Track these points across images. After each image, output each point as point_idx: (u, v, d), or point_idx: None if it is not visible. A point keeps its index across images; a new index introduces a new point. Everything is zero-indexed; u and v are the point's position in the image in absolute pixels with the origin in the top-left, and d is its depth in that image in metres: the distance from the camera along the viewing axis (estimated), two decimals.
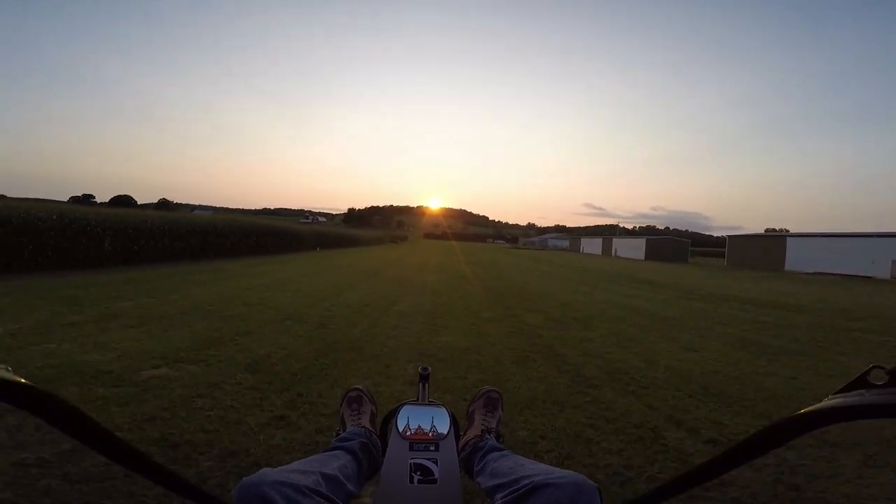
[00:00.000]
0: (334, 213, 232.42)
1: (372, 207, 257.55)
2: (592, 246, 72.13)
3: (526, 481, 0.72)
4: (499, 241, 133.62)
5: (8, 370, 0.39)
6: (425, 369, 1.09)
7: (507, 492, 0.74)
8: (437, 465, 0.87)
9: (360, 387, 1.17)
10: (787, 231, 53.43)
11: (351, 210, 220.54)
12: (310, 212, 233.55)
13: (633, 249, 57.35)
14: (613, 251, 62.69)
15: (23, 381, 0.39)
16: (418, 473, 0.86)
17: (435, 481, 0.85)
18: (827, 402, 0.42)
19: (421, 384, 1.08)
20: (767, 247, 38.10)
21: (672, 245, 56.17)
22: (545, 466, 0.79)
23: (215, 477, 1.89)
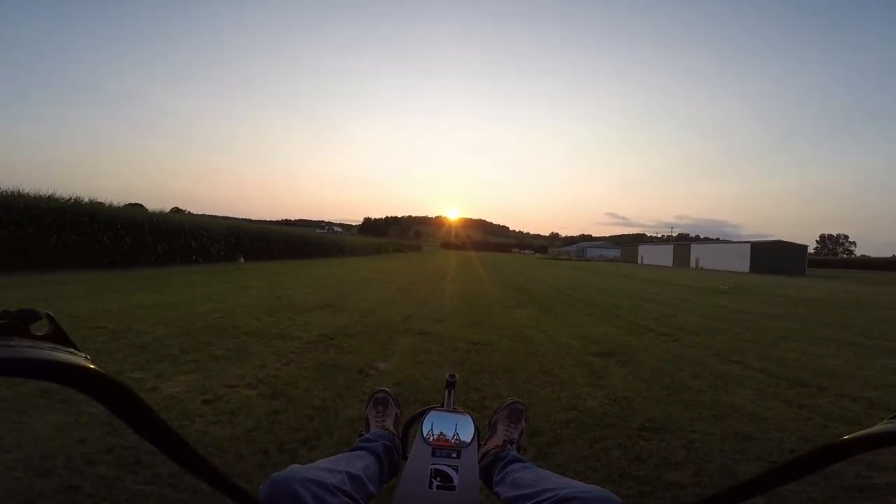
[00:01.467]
0: (353, 223, 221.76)
1: (389, 217, 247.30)
2: (657, 255, 56.32)
3: (549, 494, 0.71)
4: (526, 251, 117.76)
5: (87, 358, 0.39)
6: (452, 376, 1.10)
7: (529, 503, 0.73)
8: (457, 472, 0.86)
9: (387, 389, 1.18)
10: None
11: (367, 220, 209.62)
12: (327, 223, 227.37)
13: (727, 259, 41.56)
14: (693, 262, 46.81)
15: (102, 371, 0.39)
16: (438, 479, 0.84)
17: (454, 488, 0.83)
18: (882, 427, 0.42)
19: (447, 391, 1.09)
20: None
21: (786, 252, 40.03)
22: (570, 480, 0.77)
23: None
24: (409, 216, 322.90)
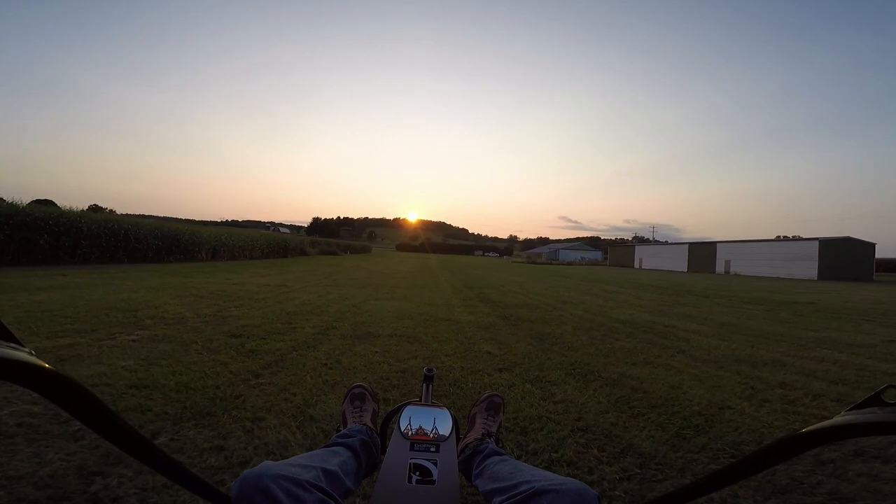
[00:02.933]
0: (304, 224, 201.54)
1: (342, 218, 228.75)
2: (665, 258, 44.59)
3: (526, 486, 0.70)
4: (490, 254, 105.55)
5: (31, 353, 0.38)
6: (430, 370, 1.10)
7: (506, 496, 0.72)
8: (436, 466, 0.85)
9: (364, 384, 1.16)
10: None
11: (316, 220, 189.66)
12: (271, 223, 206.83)
13: (784, 262, 30.53)
14: (723, 266, 35.76)
15: (46, 365, 0.38)
16: (417, 474, 0.83)
17: (433, 482, 0.82)
18: (840, 418, 0.43)
19: (425, 385, 1.08)
20: None
21: (856, 252, 29.69)
22: (546, 473, 0.76)
23: None
24: (366, 218, 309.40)
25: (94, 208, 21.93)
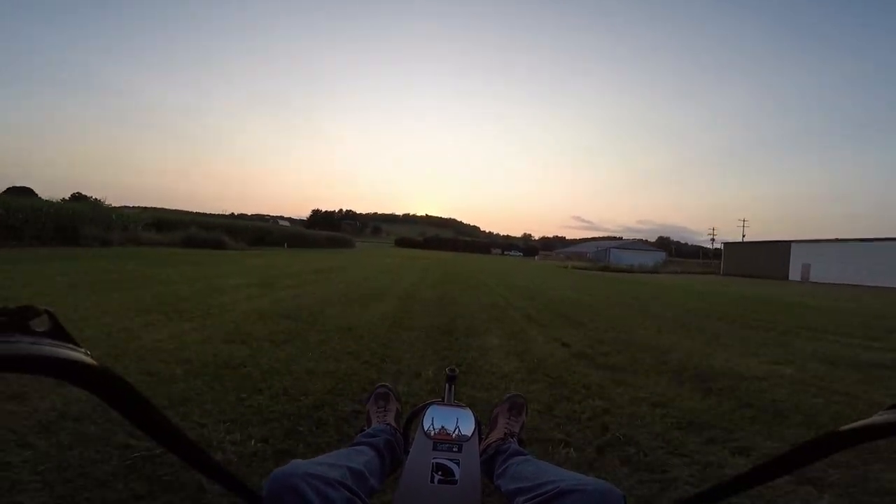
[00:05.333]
0: (306, 217, 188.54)
1: (345, 211, 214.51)
2: (860, 264, 28.54)
3: (550, 486, 0.70)
4: (512, 253, 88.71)
5: (87, 353, 0.38)
6: (453, 370, 1.13)
7: (529, 496, 0.72)
8: (458, 465, 0.86)
9: (388, 384, 1.19)
10: None
11: (316, 212, 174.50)
12: (269, 216, 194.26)
13: None
14: None
15: (103, 366, 0.39)
16: (439, 473, 0.84)
17: (455, 482, 0.83)
18: (878, 418, 0.42)
19: (448, 385, 1.11)
20: None
21: None
22: (570, 472, 0.76)
23: None
24: (375, 213, 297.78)
25: (76, 196, 21.37)
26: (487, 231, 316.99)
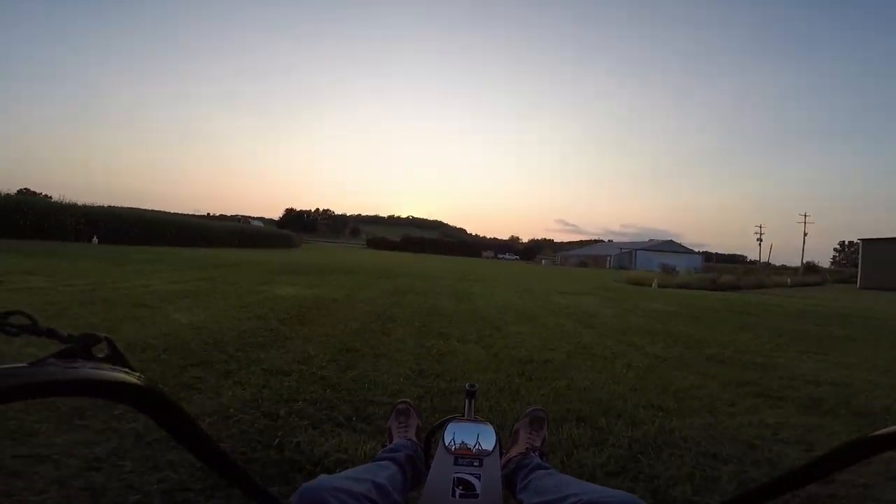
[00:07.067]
0: (278, 217, 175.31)
1: (321, 210, 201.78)
2: None
3: (573, 499, 0.70)
4: (506, 256, 79.75)
5: (140, 377, 0.41)
6: (472, 386, 1.12)
7: None
8: (479, 480, 0.84)
9: (409, 400, 1.20)
10: None
11: (289, 211, 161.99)
12: (241, 216, 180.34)
13: None
14: None
15: (156, 388, 0.43)
16: (461, 488, 0.83)
17: (476, 496, 0.82)
18: None
19: (467, 400, 1.11)
20: None
21: None
22: (594, 485, 0.76)
23: None
24: (358, 215, 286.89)
25: (23, 192, 21.11)
26: (474, 233, 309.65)
